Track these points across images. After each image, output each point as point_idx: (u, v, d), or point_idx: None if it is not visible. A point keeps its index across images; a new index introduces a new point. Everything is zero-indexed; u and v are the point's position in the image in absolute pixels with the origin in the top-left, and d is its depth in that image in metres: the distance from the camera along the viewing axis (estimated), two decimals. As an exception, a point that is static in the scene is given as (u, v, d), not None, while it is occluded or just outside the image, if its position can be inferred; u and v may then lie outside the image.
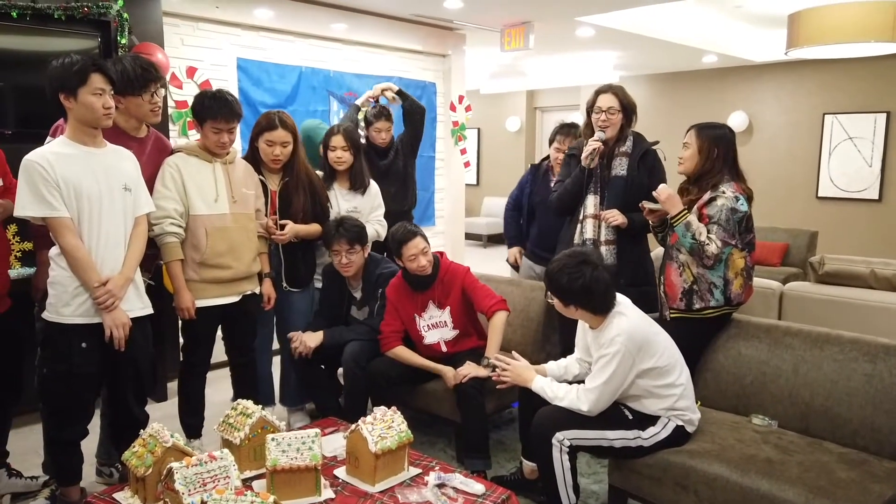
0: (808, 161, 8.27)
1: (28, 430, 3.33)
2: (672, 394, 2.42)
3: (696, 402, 2.56)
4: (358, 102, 4.08)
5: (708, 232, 2.70)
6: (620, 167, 3.11)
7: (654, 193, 2.79)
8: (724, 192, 2.73)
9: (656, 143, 3.15)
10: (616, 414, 2.44)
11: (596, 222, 3.12)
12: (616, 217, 3.04)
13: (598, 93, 3.14)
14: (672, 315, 2.85)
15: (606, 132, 3.08)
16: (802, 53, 5.20)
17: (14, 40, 3.60)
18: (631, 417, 2.45)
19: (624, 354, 2.34)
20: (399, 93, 4.02)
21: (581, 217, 3.17)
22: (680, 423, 2.44)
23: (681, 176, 2.94)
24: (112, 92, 2.39)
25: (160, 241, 2.77)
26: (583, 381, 2.49)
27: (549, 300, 2.56)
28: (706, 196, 2.77)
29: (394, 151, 3.93)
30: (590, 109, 3.14)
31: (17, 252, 3.36)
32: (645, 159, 3.11)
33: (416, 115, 3.97)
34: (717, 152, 2.79)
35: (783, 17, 5.41)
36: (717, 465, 2.30)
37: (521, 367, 2.66)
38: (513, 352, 2.78)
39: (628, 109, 3.11)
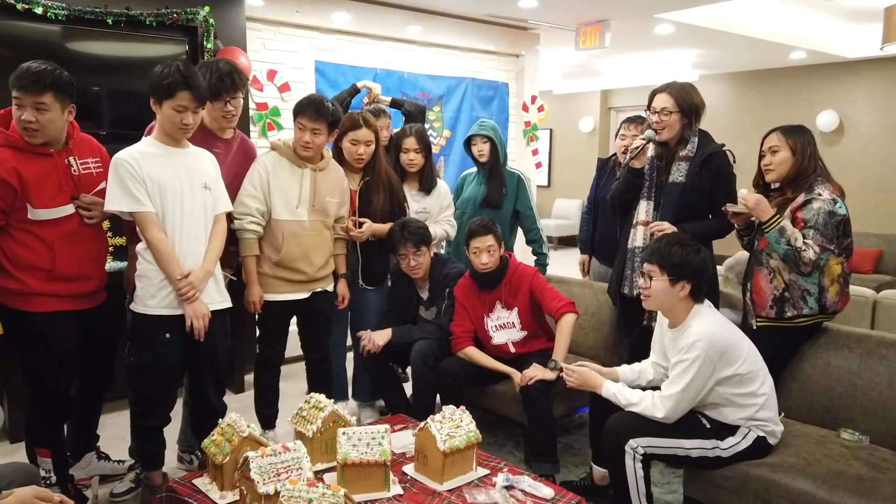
0: (905, 163, 7.78)
1: (117, 415, 3.51)
2: (753, 403, 2.31)
3: (780, 415, 2.44)
4: (359, 85, 3.97)
5: (804, 237, 2.57)
6: (679, 172, 2.91)
7: (740, 199, 2.64)
8: (819, 195, 2.58)
9: (722, 145, 2.95)
10: (693, 422, 2.36)
11: (647, 230, 2.96)
12: (664, 230, 2.85)
13: (654, 92, 2.97)
14: (760, 323, 2.72)
15: (662, 134, 2.91)
16: (900, 48, 4.88)
17: (109, 46, 3.81)
18: (708, 426, 2.35)
19: (704, 361, 2.25)
20: (393, 102, 4.02)
21: (634, 222, 3.03)
22: (761, 434, 2.33)
23: (748, 180, 2.78)
24: (197, 109, 2.46)
25: (239, 236, 2.87)
26: (657, 388, 2.42)
27: (651, 282, 2.37)
28: (800, 199, 2.63)
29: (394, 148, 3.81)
30: (648, 108, 3.00)
31: (110, 247, 3.54)
32: (709, 163, 2.88)
33: (415, 116, 3.94)
34: (811, 152, 2.65)
35: (878, 10, 5.10)
36: (802, 479, 2.18)
37: (588, 373, 2.59)
38: (579, 361, 2.71)
39: (687, 110, 2.88)
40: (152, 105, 2.46)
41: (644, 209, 2.98)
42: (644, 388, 2.48)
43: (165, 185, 2.45)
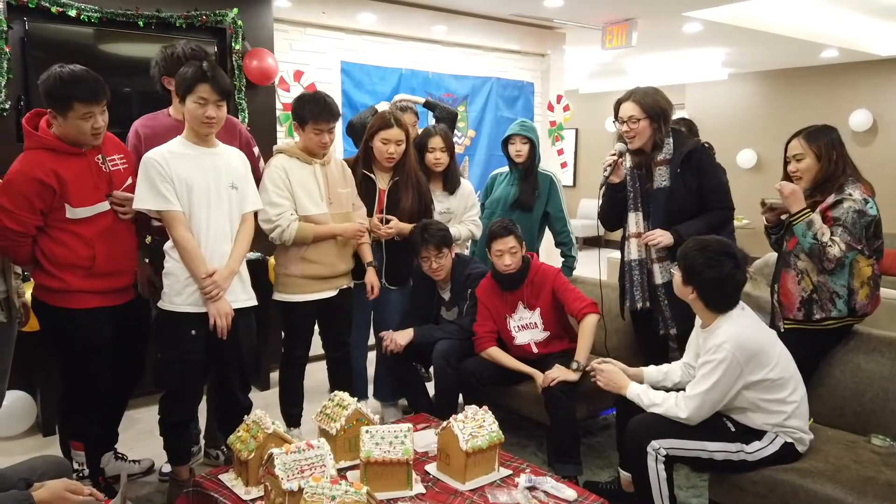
0: (942, 163, 7.57)
1: (144, 411, 3.56)
2: (782, 410, 2.27)
3: (809, 420, 2.39)
4: (378, 109, 3.88)
5: (832, 234, 2.52)
6: (662, 177, 2.87)
7: (776, 187, 2.60)
8: (850, 195, 2.54)
9: (697, 139, 2.87)
10: (717, 425, 2.32)
11: (641, 241, 2.92)
12: (657, 239, 2.82)
13: (618, 102, 2.90)
14: (787, 326, 2.67)
15: (633, 142, 2.86)
16: (937, 45, 4.77)
17: (140, 48, 3.88)
18: (733, 430, 2.32)
19: (730, 363, 2.21)
20: (427, 104, 4.00)
21: (626, 235, 2.99)
22: (789, 441, 2.29)
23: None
24: (218, 102, 2.47)
25: (288, 234, 2.83)
26: (683, 389, 2.39)
27: (673, 271, 2.43)
28: (831, 199, 2.58)
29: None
30: (616, 119, 2.93)
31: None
32: (689, 161, 2.84)
33: (446, 121, 3.89)
34: (837, 154, 2.60)
35: (915, 7, 4.99)
36: (831, 486, 2.14)
37: (614, 373, 2.56)
38: (608, 358, 2.67)
39: (655, 115, 2.82)
40: (180, 104, 2.51)
41: (634, 221, 2.95)
42: (669, 390, 2.45)
43: (193, 185, 2.49)
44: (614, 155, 2.89)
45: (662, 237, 2.83)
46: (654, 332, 3.00)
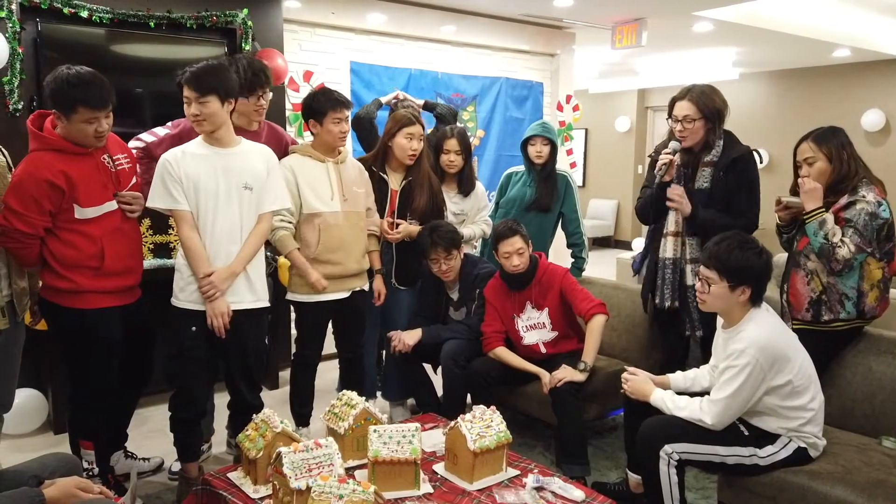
0: (956, 163, 7.50)
1: (154, 409, 3.58)
2: (800, 416, 2.25)
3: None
4: (383, 100, 3.96)
5: (842, 235, 2.50)
6: (704, 179, 2.86)
7: (800, 181, 2.59)
8: (864, 196, 2.52)
9: (746, 146, 2.86)
10: (730, 429, 2.30)
11: (677, 241, 2.92)
12: (680, 200, 2.82)
13: (674, 99, 2.88)
14: (795, 326, 2.65)
15: (686, 141, 2.84)
16: (951, 44, 4.72)
17: (151, 49, 3.90)
18: (747, 434, 2.30)
19: (754, 367, 2.18)
20: (426, 105, 4.00)
21: (664, 232, 2.98)
22: (802, 445, 2.27)
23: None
24: (200, 99, 2.46)
25: (273, 237, 2.89)
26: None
27: (712, 288, 2.28)
28: (844, 200, 2.56)
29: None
30: (669, 116, 2.91)
31: (150, 244, 3.64)
32: (734, 167, 2.82)
33: (447, 118, 3.89)
34: (847, 154, 2.58)
35: (929, 5, 4.95)
36: (841, 488, 2.13)
37: (639, 381, 2.52)
38: (635, 368, 2.61)
39: (710, 115, 2.80)
40: None
41: (673, 220, 2.94)
42: (697, 395, 2.41)
43: (200, 185, 2.51)
44: (669, 153, 2.86)
45: (683, 199, 2.83)
46: (678, 333, 2.99)
